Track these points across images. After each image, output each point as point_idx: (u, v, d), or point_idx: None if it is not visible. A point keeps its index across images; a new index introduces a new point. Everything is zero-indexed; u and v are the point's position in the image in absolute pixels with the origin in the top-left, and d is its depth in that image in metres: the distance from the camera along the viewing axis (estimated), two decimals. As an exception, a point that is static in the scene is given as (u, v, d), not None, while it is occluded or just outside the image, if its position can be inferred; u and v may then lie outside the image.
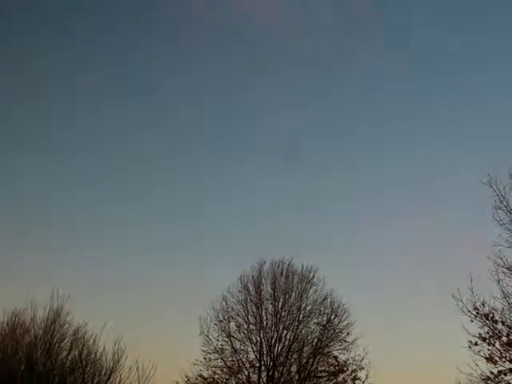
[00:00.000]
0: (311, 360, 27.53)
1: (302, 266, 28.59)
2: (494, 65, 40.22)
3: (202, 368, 27.46)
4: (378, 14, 40.58)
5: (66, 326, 25.87)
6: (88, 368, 24.89)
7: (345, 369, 27.36)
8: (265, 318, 27.91)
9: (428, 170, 42.26)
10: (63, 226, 41.38)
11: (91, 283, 36.34)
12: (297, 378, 27.43)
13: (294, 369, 27.69)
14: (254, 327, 27.93)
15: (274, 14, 37.90)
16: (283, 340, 27.65)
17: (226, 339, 27.87)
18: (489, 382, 17.27)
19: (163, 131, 46.82)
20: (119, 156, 45.21)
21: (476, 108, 41.41)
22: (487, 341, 17.34)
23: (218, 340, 27.91)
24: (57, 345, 25.57)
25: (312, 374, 27.44)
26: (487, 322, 17.43)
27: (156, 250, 40.43)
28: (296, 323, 27.92)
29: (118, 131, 46.64)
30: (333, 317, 27.96)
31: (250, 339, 27.78)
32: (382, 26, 41.64)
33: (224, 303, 28.30)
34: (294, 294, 28.20)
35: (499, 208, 17.69)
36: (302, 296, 28.25)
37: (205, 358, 27.57)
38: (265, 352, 27.46)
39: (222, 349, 27.72)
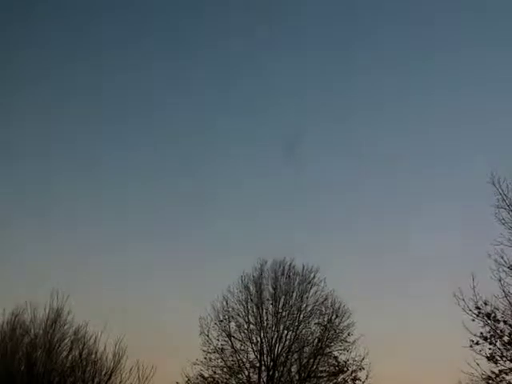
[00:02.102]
0: (311, 360, 27.49)
1: (303, 266, 28.58)
2: (495, 63, 40.30)
3: (202, 368, 27.42)
4: None
5: (66, 326, 25.93)
6: (88, 368, 24.93)
7: (345, 369, 27.31)
8: (265, 317, 27.86)
9: (429, 168, 42.34)
10: (63, 225, 41.32)
11: (91, 283, 36.33)
12: (297, 378, 27.38)
13: (294, 369, 27.64)
14: (254, 327, 27.87)
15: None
16: (284, 340, 27.60)
17: (227, 339, 27.82)
18: (490, 381, 17.27)
19: (162, 131, 46.97)
20: (120, 157, 45.31)
21: (478, 105, 41.52)
22: (488, 340, 17.33)
23: (218, 340, 27.86)
24: (57, 345, 25.59)
25: (312, 375, 27.38)
26: (489, 321, 17.42)
27: (156, 250, 40.40)
28: (296, 323, 27.87)
29: (118, 129, 46.74)
30: (334, 317, 27.90)
31: (250, 339, 27.73)
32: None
33: (224, 303, 28.27)
34: (294, 294, 28.16)
35: (501, 207, 17.69)
36: (302, 296, 28.20)
37: (205, 358, 27.52)
38: (265, 352, 27.41)
39: (222, 349, 27.67)
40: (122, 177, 45.10)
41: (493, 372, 17.29)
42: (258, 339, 27.63)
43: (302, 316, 28.02)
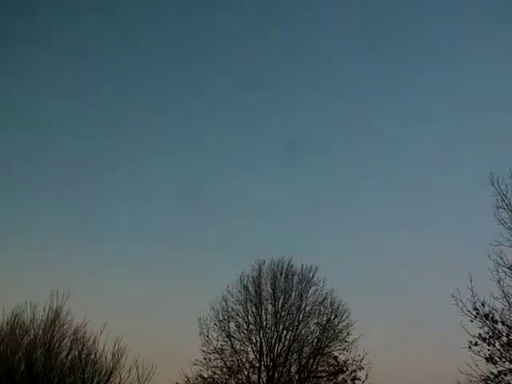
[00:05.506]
0: (311, 360, 27.50)
1: (302, 266, 28.61)
2: (494, 63, 40.27)
3: (201, 368, 27.48)
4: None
5: (65, 326, 25.91)
6: (88, 368, 24.92)
7: (344, 369, 27.31)
8: (264, 318, 27.90)
9: (429, 169, 42.33)
10: (63, 225, 41.36)
11: (91, 283, 36.33)
12: (296, 378, 27.40)
13: (293, 369, 27.66)
14: (253, 327, 27.92)
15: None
16: (283, 340, 27.63)
17: (226, 339, 27.87)
18: (489, 382, 17.19)
19: (162, 131, 47.01)
20: (122, 154, 45.42)
21: (477, 106, 41.49)
22: (487, 341, 17.27)
23: (217, 340, 27.93)
24: (56, 345, 25.57)
25: (312, 375, 27.40)
26: (487, 322, 17.35)
27: (156, 250, 40.46)
28: (296, 323, 27.89)
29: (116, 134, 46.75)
30: (333, 317, 27.92)
31: (249, 339, 27.76)
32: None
33: (224, 303, 28.33)
34: (293, 294, 28.18)
35: (501, 207, 17.62)
36: (301, 296, 28.22)
37: (205, 358, 27.57)
38: (265, 352, 27.44)
39: (222, 349, 27.70)
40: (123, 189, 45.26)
41: (492, 373, 17.23)
42: (258, 339, 27.67)
43: (301, 316, 28.06)
